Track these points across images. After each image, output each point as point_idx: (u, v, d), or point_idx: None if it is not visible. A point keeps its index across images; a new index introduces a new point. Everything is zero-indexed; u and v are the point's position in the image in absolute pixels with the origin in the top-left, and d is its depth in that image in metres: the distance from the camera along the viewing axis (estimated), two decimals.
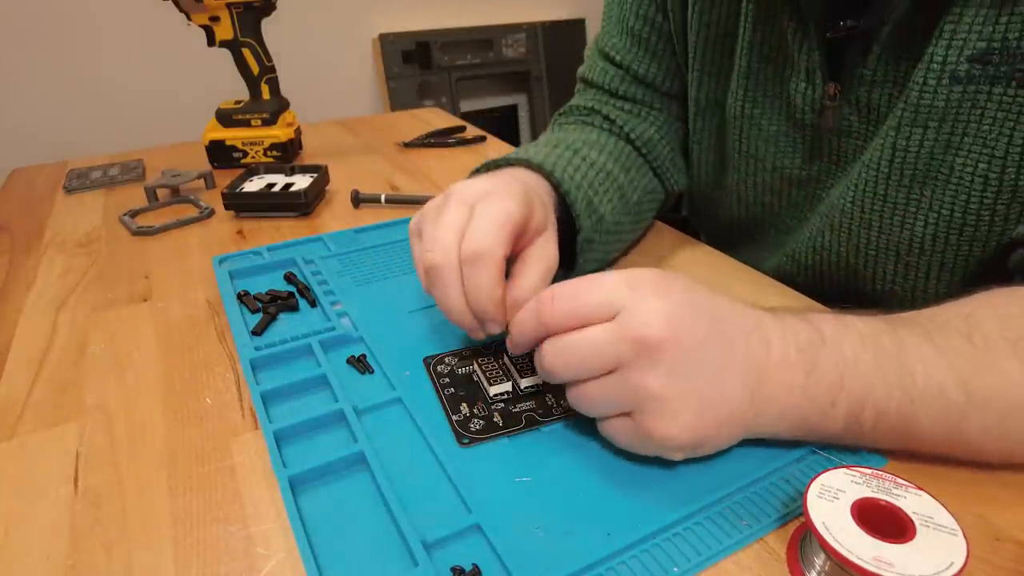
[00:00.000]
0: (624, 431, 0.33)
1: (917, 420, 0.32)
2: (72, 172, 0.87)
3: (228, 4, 0.78)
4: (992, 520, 0.31)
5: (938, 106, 0.41)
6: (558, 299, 0.33)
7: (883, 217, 0.47)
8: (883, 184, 0.46)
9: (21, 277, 0.60)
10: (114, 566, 0.31)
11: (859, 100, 0.47)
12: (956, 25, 0.40)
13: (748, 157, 0.56)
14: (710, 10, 0.54)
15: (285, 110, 0.86)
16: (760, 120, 0.53)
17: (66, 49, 1.61)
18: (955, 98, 0.41)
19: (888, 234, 0.47)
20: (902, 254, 0.47)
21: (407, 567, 0.30)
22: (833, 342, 0.32)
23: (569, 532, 0.31)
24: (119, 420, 0.41)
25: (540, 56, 2.23)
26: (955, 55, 0.40)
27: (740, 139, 0.56)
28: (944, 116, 0.41)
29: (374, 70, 2.04)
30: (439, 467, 0.35)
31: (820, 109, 0.49)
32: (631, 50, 0.60)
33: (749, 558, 0.30)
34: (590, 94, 0.64)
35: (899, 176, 0.45)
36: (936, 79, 0.41)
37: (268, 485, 0.35)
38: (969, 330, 0.33)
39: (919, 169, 0.44)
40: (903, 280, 0.48)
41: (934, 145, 0.43)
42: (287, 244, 0.62)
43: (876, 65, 0.45)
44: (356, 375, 0.43)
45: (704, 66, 0.56)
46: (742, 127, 0.55)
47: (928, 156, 0.43)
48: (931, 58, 0.41)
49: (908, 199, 0.45)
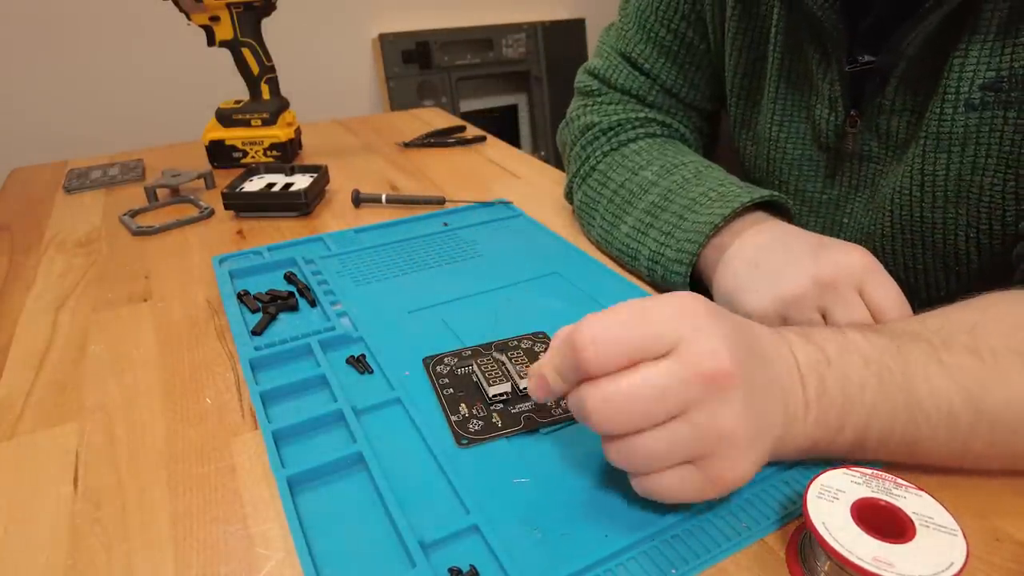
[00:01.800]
0: (681, 484, 0.29)
1: (923, 440, 0.32)
2: (72, 172, 0.87)
3: (228, 4, 0.78)
4: (992, 520, 0.31)
5: (957, 132, 0.43)
6: (601, 342, 0.28)
7: (924, 236, 0.48)
8: (918, 207, 0.47)
9: (21, 277, 0.60)
10: (114, 566, 0.31)
11: (879, 127, 0.49)
12: (964, 59, 0.42)
13: (773, 179, 0.58)
14: (744, 35, 0.55)
15: (285, 110, 0.86)
16: (786, 144, 0.55)
17: (66, 49, 1.61)
18: (972, 124, 0.43)
19: (932, 250, 0.48)
20: (951, 265, 0.48)
21: (405, 568, 0.30)
22: (838, 364, 0.31)
23: (567, 533, 0.31)
24: (119, 420, 0.41)
25: (540, 56, 2.23)
26: (967, 85, 0.42)
27: (768, 161, 0.57)
28: (965, 141, 0.43)
29: (374, 70, 2.04)
30: (437, 468, 0.35)
31: (842, 135, 0.51)
32: (658, 60, 0.61)
33: (749, 559, 0.30)
34: (615, 96, 0.63)
35: (931, 199, 0.46)
36: (952, 108, 0.43)
37: (268, 485, 0.35)
38: (976, 344, 0.32)
39: (950, 191, 0.45)
40: (956, 285, 0.49)
41: (960, 168, 0.44)
42: (287, 244, 0.62)
43: (894, 95, 0.47)
44: (355, 375, 0.43)
45: (736, 88, 0.58)
46: (769, 150, 0.56)
47: (956, 178, 0.45)
48: (945, 89, 0.43)
49: (944, 218, 0.46)
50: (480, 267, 0.57)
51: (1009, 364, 0.31)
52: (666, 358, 0.28)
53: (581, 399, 0.29)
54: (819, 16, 0.46)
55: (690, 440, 0.28)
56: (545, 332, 0.47)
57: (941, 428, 0.31)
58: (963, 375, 0.31)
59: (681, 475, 0.29)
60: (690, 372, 0.27)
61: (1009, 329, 0.33)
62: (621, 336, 0.28)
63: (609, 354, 0.28)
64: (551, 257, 0.58)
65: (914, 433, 0.31)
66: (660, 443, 0.28)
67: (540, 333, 0.47)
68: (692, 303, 0.29)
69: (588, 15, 2.29)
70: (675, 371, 0.27)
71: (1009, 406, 0.31)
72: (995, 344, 0.32)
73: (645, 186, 0.55)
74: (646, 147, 0.59)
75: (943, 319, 0.35)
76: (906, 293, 0.52)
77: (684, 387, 0.27)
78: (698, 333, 0.28)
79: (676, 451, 0.28)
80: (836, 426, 0.31)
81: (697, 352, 0.27)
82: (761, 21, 0.54)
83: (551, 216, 0.67)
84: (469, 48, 2.11)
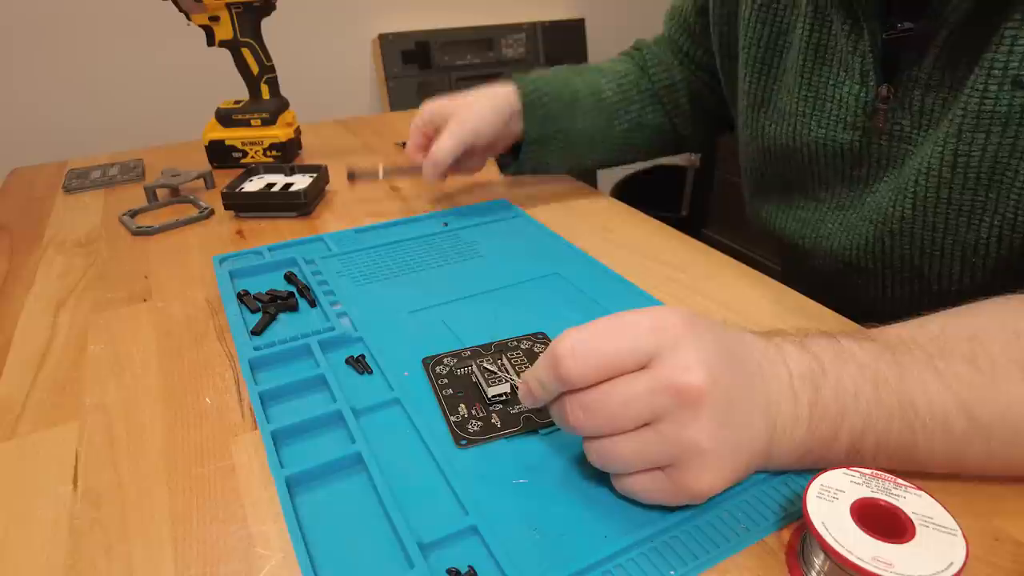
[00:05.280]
0: (652, 487, 0.30)
1: (919, 449, 0.31)
2: (72, 172, 0.87)
3: (228, 4, 0.78)
4: (992, 520, 0.31)
5: (1000, 111, 0.41)
6: (579, 355, 0.29)
7: (948, 219, 0.46)
8: (946, 189, 0.45)
9: (21, 277, 0.60)
10: (114, 566, 0.31)
11: (912, 103, 0.47)
12: (1018, 31, 0.39)
13: (797, 157, 0.56)
14: (764, 8, 0.55)
15: (285, 110, 0.86)
16: (810, 121, 0.54)
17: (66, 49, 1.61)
18: (1018, 103, 0.40)
19: (954, 235, 0.47)
20: (967, 255, 0.47)
21: (403, 568, 0.30)
22: (833, 374, 0.31)
23: (566, 535, 0.31)
24: (119, 420, 0.41)
25: (540, 56, 2.22)
26: (1017, 60, 0.39)
27: (793, 138, 0.55)
28: (1008, 121, 0.41)
29: (374, 70, 2.03)
30: (436, 468, 0.35)
31: (872, 111, 0.49)
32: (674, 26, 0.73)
33: (748, 559, 0.30)
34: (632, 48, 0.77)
35: (963, 180, 0.44)
36: (998, 85, 0.40)
37: (267, 485, 0.35)
38: (974, 353, 0.32)
39: (983, 172, 0.43)
40: (970, 280, 0.48)
41: (998, 150, 0.42)
42: (288, 244, 0.62)
43: (932, 69, 0.44)
44: (355, 375, 0.43)
45: (753, 62, 0.57)
46: (795, 126, 0.55)
47: (992, 160, 0.42)
48: (992, 63, 0.40)
49: (973, 201, 0.44)
50: (480, 267, 0.57)
51: (1007, 375, 0.31)
52: (643, 370, 0.29)
53: (561, 407, 0.31)
54: None
55: (657, 447, 0.29)
56: (545, 332, 0.47)
57: (937, 437, 0.31)
58: (959, 385, 0.31)
59: (652, 479, 0.30)
60: (662, 384, 0.28)
61: (1010, 337, 0.32)
62: (599, 349, 0.29)
63: (587, 366, 0.29)
64: (551, 257, 0.58)
65: (909, 441, 0.31)
66: (629, 447, 0.29)
67: (540, 333, 0.47)
68: (671, 317, 0.30)
69: (588, 15, 2.28)
70: (647, 383, 0.29)
71: (1005, 418, 0.31)
72: (995, 353, 0.32)
73: None
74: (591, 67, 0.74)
75: (942, 325, 0.34)
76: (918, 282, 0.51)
77: (654, 398, 0.28)
78: (674, 347, 0.29)
79: (645, 457, 0.30)
80: (829, 436, 0.31)
81: (671, 366, 0.28)
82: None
83: (551, 216, 0.67)
84: (469, 48, 2.11)
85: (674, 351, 0.29)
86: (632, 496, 0.32)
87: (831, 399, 0.31)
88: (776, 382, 0.31)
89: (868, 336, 0.34)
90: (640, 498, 0.32)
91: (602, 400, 0.29)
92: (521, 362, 0.43)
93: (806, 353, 0.32)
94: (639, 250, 0.60)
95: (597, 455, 0.31)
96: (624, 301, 0.50)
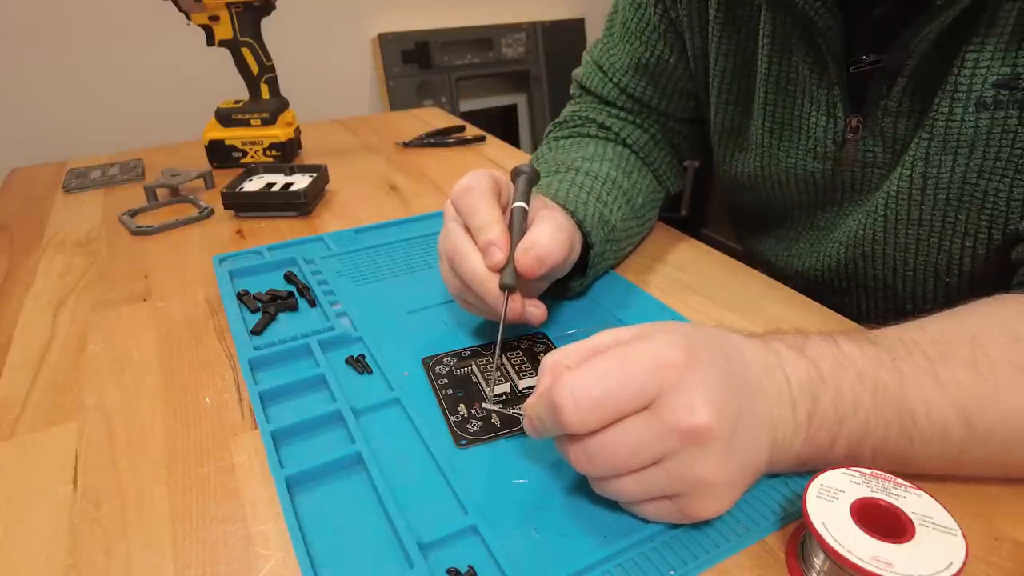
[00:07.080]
0: (659, 513, 0.31)
1: (915, 454, 0.32)
2: (71, 172, 0.87)
3: (227, 4, 0.78)
4: (992, 520, 0.31)
5: (966, 133, 0.41)
6: (581, 405, 0.28)
7: (919, 240, 0.47)
8: (916, 211, 0.45)
9: (20, 277, 0.60)
10: (114, 566, 0.31)
11: (884, 132, 0.47)
12: (979, 54, 0.40)
13: (767, 187, 0.56)
14: (729, 38, 0.54)
15: (284, 110, 0.86)
16: (778, 152, 0.53)
17: (66, 49, 1.61)
18: (983, 124, 0.41)
19: (926, 255, 0.47)
20: (940, 275, 0.47)
21: (403, 568, 0.30)
22: (832, 382, 0.31)
23: (565, 535, 0.31)
24: (118, 420, 0.41)
25: (540, 56, 2.22)
26: (980, 82, 0.40)
27: (760, 168, 0.56)
28: (974, 142, 0.41)
29: (373, 70, 2.03)
30: (436, 468, 0.35)
31: (842, 142, 0.49)
32: (633, 76, 0.62)
33: (748, 559, 0.30)
34: (587, 100, 0.65)
35: (932, 202, 0.45)
36: (962, 107, 0.41)
37: (267, 485, 0.35)
38: (975, 358, 0.31)
39: (952, 194, 0.44)
40: (944, 299, 0.48)
41: (965, 171, 0.42)
42: (288, 244, 0.62)
43: (901, 97, 0.45)
44: (355, 375, 0.43)
45: (722, 94, 0.57)
46: (763, 156, 0.55)
47: (960, 182, 0.43)
48: (955, 87, 0.41)
49: (943, 223, 0.45)
50: None
51: (1008, 380, 0.31)
52: (646, 411, 0.28)
53: (565, 451, 0.30)
54: (811, 16, 0.44)
55: (664, 484, 0.29)
56: (545, 333, 0.47)
57: (934, 443, 0.31)
58: (959, 392, 0.31)
59: (658, 506, 0.31)
60: (667, 427, 0.28)
61: (1011, 340, 0.32)
62: (600, 397, 0.28)
63: (590, 416, 0.28)
64: None
65: (906, 448, 0.31)
66: (636, 486, 0.30)
67: (540, 334, 0.47)
68: (673, 352, 0.29)
69: (588, 15, 2.28)
70: (652, 426, 0.28)
71: (1005, 423, 0.31)
72: (995, 357, 0.31)
73: None
74: (564, 145, 0.62)
75: (942, 326, 0.34)
76: (892, 300, 0.52)
77: (659, 441, 0.28)
78: (677, 388, 0.28)
79: (651, 492, 0.30)
80: (827, 443, 0.31)
81: (674, 407, 0.28)
82: (747, 23, 0.52)
83: None
84: (469, 48, 2.11)
85: (677, 391, 0.28)
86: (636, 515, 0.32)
87: (829, 408, 0.31)
88: (776, 395, 0.31)
89: (868, 338, 0.33)
90: (645, 518, 0.32)
91: (608, 447, 0.29)
92: (521, 362, 0.43)
93: (805, 359, 0.32)
94: (639, 250, 0.60)
95: (602, 490, 0.31)
96: (624, 301, 0.50)
